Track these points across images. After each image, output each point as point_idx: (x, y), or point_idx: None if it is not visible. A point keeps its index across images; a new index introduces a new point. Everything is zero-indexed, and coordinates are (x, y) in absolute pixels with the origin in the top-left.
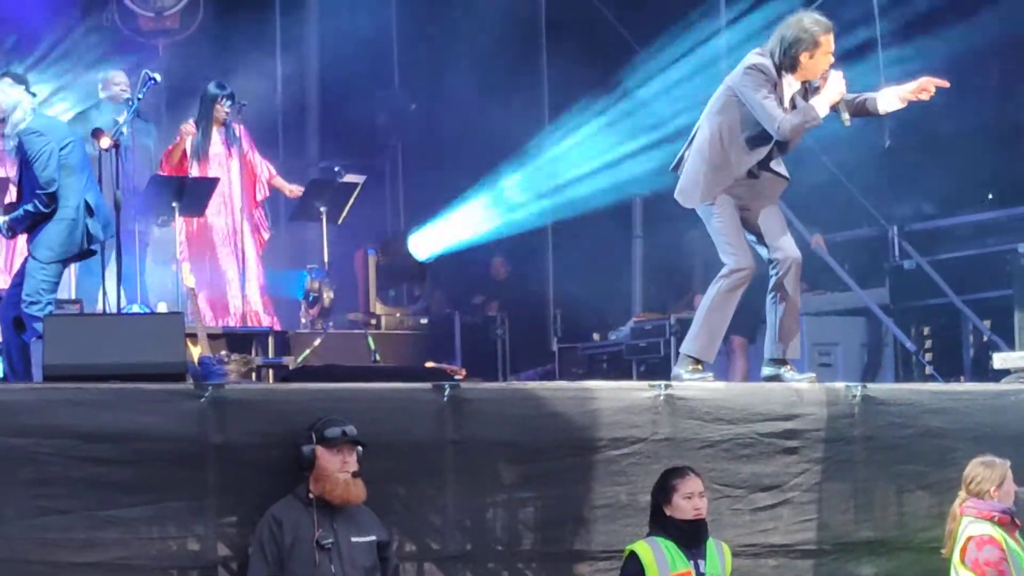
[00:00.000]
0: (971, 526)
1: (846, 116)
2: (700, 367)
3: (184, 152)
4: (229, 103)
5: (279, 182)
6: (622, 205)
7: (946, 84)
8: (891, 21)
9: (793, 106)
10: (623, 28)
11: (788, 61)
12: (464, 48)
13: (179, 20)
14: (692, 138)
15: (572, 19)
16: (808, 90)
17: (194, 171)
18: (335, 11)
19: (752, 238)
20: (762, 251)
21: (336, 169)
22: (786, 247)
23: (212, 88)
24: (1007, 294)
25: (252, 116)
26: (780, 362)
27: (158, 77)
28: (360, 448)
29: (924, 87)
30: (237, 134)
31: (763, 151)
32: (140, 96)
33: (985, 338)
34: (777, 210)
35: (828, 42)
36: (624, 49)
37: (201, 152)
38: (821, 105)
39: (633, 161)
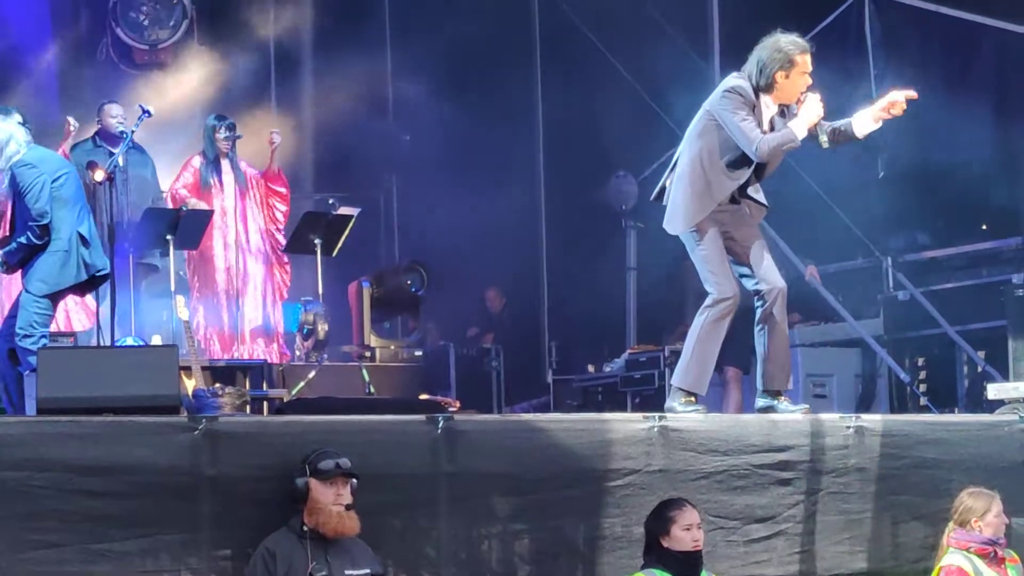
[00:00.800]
0: (948, 557)
1: (823, 139)
2: (693, 399)
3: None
4: (226, 132)
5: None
6: (616, 237)
7: (913, 95)
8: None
9: (772, 128)
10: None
11: (764, 81)
12: (458, 79)
13: (173, 53)
14: (673, 165)
15: (567, 49)
16: (787, 114)
17: (194, 203)
18: (329, 44)
19: (738, 269)
20: (748, 283)
21: (331, 201)
22: (770, 277)
23: (210, 119)
24: (1001, 325)
25: (246, 148)
26: (774, 393)
27: (152, 110)
28: (354, 480)
29: (893, 102)
30: (243, 168)
31: (744, 174)
32: (134, 129)
33: (979, 369)
34: (760, 239)
35: (804, 62)
36: (617, 80)
37: (208, 184)
38: (799, 127)
39: None
